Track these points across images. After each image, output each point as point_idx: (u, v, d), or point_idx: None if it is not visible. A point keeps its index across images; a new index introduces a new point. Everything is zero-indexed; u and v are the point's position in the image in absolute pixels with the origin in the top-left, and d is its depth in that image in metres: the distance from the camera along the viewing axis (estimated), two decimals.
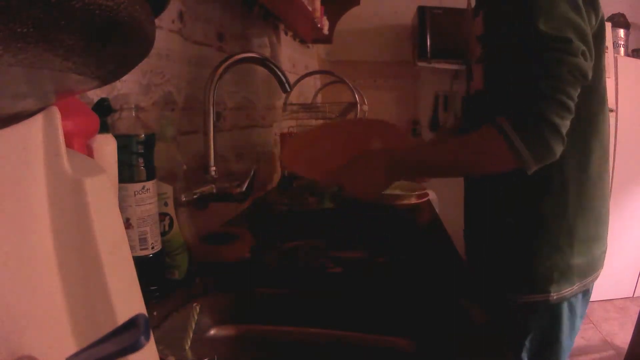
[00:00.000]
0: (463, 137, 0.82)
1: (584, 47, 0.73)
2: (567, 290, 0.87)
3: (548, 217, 0.86)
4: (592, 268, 0.90)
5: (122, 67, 0.31)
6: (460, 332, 0.71)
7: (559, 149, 0.74)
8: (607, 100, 0.90)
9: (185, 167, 0.86)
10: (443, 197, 1.99)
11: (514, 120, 0.74)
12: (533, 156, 0.74)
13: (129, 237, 0.59)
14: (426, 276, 0.87)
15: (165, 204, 0.76)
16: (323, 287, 0.83)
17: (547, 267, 0.86)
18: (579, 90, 0.74)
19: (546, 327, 0.88)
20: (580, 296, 0.89)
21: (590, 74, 0.75)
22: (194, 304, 0.69)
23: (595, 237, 0.90)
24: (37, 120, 0.32)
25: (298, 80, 1.96)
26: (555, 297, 0.86)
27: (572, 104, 0.73)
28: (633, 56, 3.00)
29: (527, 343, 0.88)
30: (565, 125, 0.73)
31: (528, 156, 0.73)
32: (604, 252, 0.94)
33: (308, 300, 0.78)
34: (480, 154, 0.80)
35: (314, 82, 2.57)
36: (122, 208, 0.64)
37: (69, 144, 0.35)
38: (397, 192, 1.40)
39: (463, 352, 0.67)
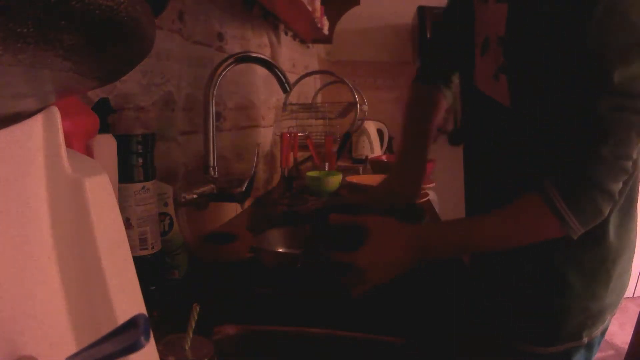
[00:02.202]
0: (503, 211, 0.70)
1: None
2: (598, 329, 0.78)
3: (587, 270, 0.75)
4: (621, 295, 0.81)
5: (122, 67, 0.31)
6: (460, 332, 0.71)
7: (607, 211, 0.66)
8: None
9: (185, 167, 0.86)
10: (443, 197, 1.99)
11: (563, 185, 0.65)
12: (582, 224, 0.65)
13: (129, 237, 0.59)
14: (426, 276, 0.87)
15: (165, 204, 0.76)
16: (323, 287, 0.83)
17: (582, 319, 0.76)
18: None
19: None
20: (599, 333, 0.79)
21: None
22: (194, 304, 0.69)
23: (627, 267, 0.80)
24: (37, 120, 0.32)
25: (298, 80, 1.96)
26: (586, 341, 0.77)
27: (630, 165, 0.64)
28: None
29: None
30: (619, 187, 0.65)
31: (576, 225, 0.65)
32: (630, 274, 0.83)
33: (308, 300, 0.78)
34: (525, 228, 0.70)
35: (314, 82, 2.57)
36: (122, 208, 0.64)
37: (69, 144, 0.35)
38: None
39: (463, 352, 0.67)
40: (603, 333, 0.81)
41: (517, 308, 0.80)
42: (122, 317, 0.33)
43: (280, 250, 1.00)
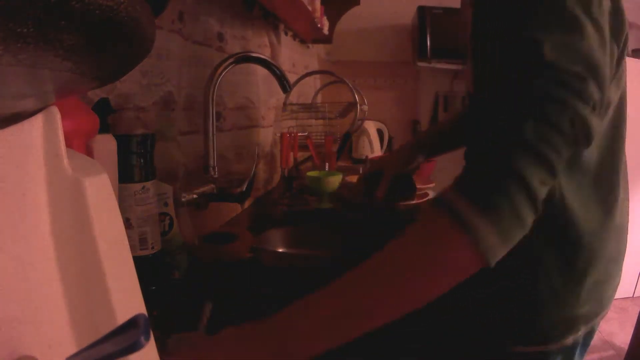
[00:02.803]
0: (384, 249, 0.51)
1: (599, 97, 0.52)
2: (569, 338, 0.74)
3: (554, 273, 0.70)
4: (601, 308, 0.76)
5: (122, 67, 0.31)
6: (457, 334, 0.72)
7: (529, 220, 0.50)
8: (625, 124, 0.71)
9: (185, 167, 0.86)
10: None
11: (466, 187, 0.50)
12: (497, 231, 0.48)
13: (129, 237, 0.59)
14: None
15: (165, 204, 0.76)
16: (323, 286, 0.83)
17: (552, 322, 0.73)
18: (571, 152, 0.52)
19: None
20: (580, 339, 0.76)
21: (592, 139, 0.54)
22: (206, 303, 0.70)
23: (608, 277, 0.75)
24: (37, 120, 0.32)
25: (298, 80, 1.96)
26: (554, 349, 0.74)
27: (558, 167, 0.50)
28: (633, 56, 3.00)
29: None
30: (543, 192, 0.50)
31: (488, 232, 0.47)
32: (617, 285, 0.79)
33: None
34: (425, 257, 0.50)
35: (314, 82, 2.57)
36: (122, 208, 0.64)
37: (69, 144, 0.35)
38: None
39: (463, 352, 0.67)
40: (585, 342, 0.78)
41: (495, 305, 0.77)
42: (122, 317, 0.33)
43: (280, 250, 1.00)
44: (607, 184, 0.70)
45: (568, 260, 0.70)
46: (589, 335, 0.78)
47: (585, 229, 0.68)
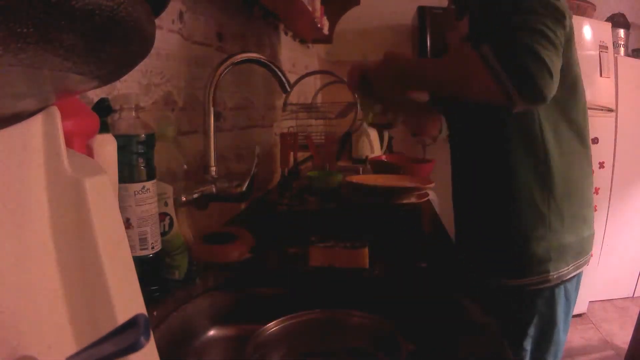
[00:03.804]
0: (448, 57, 0.88)
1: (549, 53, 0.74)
2: (563, 269, 0.90)
3: (537, 197, 0.89)
4: (583, 250, 0.94)
5: (122, 67, 0.31)
6: (460, 332, 0.72)
7: (545, 83, 0.74)
8: (581, 91, 0.93)
9: (185, 167, 0.86)
10: (443, 197, 1.99)
11: (495, 48, 0.75)
12: (516, 86, 0.73)
13: (129, 237, 0.59)
14: (426, 277, 0.87)
15: (165, 204, 0.76)
16: (323, 286, 0.83)
17: (544, 248, 0.89)
18: (558, 32, 0.77)
19: (545, 313, 0.91)
20: (574, 281, 0.93)
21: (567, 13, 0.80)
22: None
23: (582, 218, 0.94)
24: (37, 120, 0.32)
25: (298, 80, 1.96)
26: (555, 276, 0.89)
27: (552, 36, 0.75)
28: (633, 56, 3.00)
29: (530, 331, 0.91)
30: (548, 56, 0.73)
31: (509, 85, 0.73)
32: (592, 235, 0.97)
33: (307, 300, 0.78)
34: (463, 76, 0.82)
35: (314, 82, 2.57)
36: (122, 208, 0.64)
37: (69, 144, 0.35)
38: (406, 183, 1.41)
39: (463, 352, 0.67)
40: (575, 283, 0.94)
41: (489, 245, 0.95)
42: (122, 317, 0.33)
43: (280, 250, 1.00)
44: (579, 129, 0.91)
45: (548, 188, 0.89)
46: (578, 282, 0.94)
47: (557, 162, 0.88)
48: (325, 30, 2.17)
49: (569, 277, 0.91)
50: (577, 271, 0.93)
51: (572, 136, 0.91)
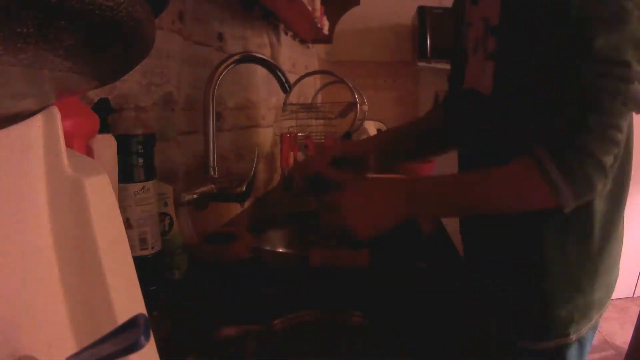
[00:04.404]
0: (493, 169, 0.70)
1: None
2: (586, 327, 0.78)
3: (571, 257, 0.74)
4: (609, 294, 0.81)
5: (122, 67, 0.31)
6: (460, 332, 0.72)
7: (601, 186, 0.65)
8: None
9: (185, 167, 0.86)
10: None
11: (554, 152, 0.64)
12: (574, 195, 0.64)
13: (129, 237, 0.59)
14: (426, 277, 0.87)
15: (165, 204, 0.76)
16: (323, 286, 0.83)
17: (568, 311, 0.75)
18: (629, 118, 0.66)
19: None
20: (592, 328, 0.80)
21: None
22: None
23: (614, 264, 0.80)
24: (37, 120, 0.32)
25: (298, 80, 1.96)
26: (574, 339, 0.77)
27: (621, 137, 0.64)
28: None
29: None
30: (610, 160, 0.64)
31: (568, 193, 0.64)
32: (618, 273, 0.84)
33: (307, 300, 0.78)
34: (514, 188, 0.68)
35: (314, 82, 2.57)
36: (122, 208, 0.64)
37: (69, 144, 0.35)
38: None
39: (463, 352, 0.67)
40: (593, 332, 0.81)
41: (505, 299, 0.81)
42: (122, 317, 0.33)
43: (280, 250, 1.00)
44: (620, 176, 0.75)
45: (584, 240, 0.74)
46: (596, 324, 0.81)
47: (599, 210, 0.74)
48: (325, 30, 2.17)
49: (589, 329, 0.79)
50: (599, 318, 0.81)
51: (619, 170, 0.75)
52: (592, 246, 0.75)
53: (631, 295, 2.91)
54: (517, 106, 0.72)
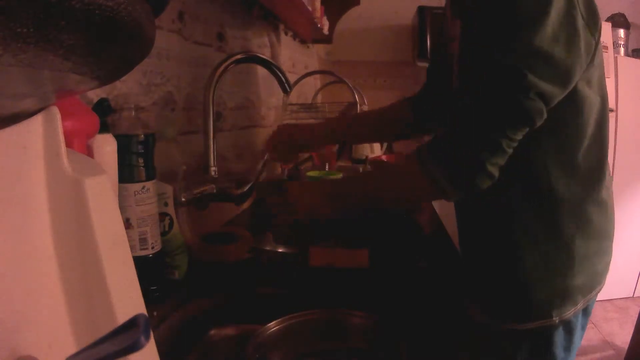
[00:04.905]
0: (390, 166, 0.82)
1: (542, 87, 0.65)
2: (570, 311, 0.80)
3: (541, 242, 0.78)
4: (596, 283, 0.83)
5: (122, 67, 0.31)
6: (460, 331, 0.72)
7: (484, 184, 0.69)
8: (607, 118, 0.82)
9: (185, 167, 0.86)
10: None
11: (433, 147, 0.71)
12: (449, 183, 0.70)
13: (129, 237, 0.59)
14: (426, 276, 0.87)
15: (165, 204, 0.76)
16: (323, 286, 0.83)
17: (547, 294, 0.79)
18: (525, 130, 0.68)
19: (538, 347, 0.82)
20: (580, 313, 0.82)
21: (543, 115, 0.68)
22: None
23: (598, 251, 0.82)
24: (37, 120, 0.32)
25: (298, 80, 1.96)
26: (557, 321, 0.79)
27: (510, 145, 0.68)
28: (633, 56, 3.00)
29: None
30: (496, 164, 0.68)
31: (444, 183, 0.70)
32: (608, 262, 0.86)
33: (307, 300, 0.78)
34: (401, 182, 0.78)
35: (314, 82, 2.57)
36: (122, 208, 0.64)
37: (69, 144, 0.35)
38: None
39: (463, 352, 0.67)
40: (584, 317, 0.84)
41: (488, 284, 0.86)
42: (122, 317, 0.33)
43: (280, 250, 1.00)
44: (593, 164, 0.79)
45: (551, 226, 0.78)
46: (587, 310, 0.84)
47: (566, 198, 0.78)
48: (325, 30, 2.17)
49: (574, 313, 0.81)
50: (585, 306, 0.83)
51: (586, 160, 0.79)
52: (563, 232, 0.78)
53: (631, 295, 2.91)
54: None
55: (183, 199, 0.82)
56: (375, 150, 2.31)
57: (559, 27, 0.65)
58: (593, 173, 0.80)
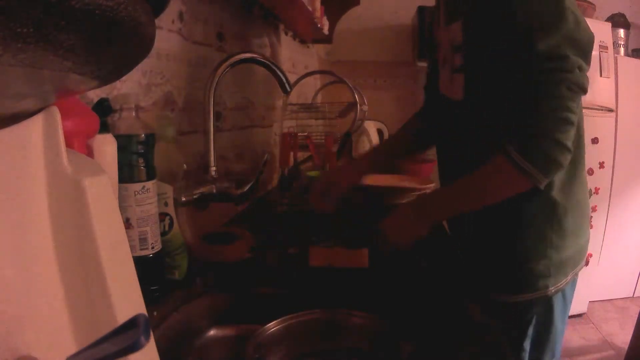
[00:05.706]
0: (477, 173, 0.84)
1: (580, 61, 0.78)
2: (562, 282, 0.91)
3: (538, 215, 0.89)
4: (581, 256, 0.97)
5: (122, 67, 0.31)
6: (460, 331, 0.72)
7: (565, 160, 0.78)
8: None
9: (185, 167, 0.86)
10: None
11: (519, 144, 0.78)
12: (543, 173, 0.78)
13: (129, 237, 0.59)
14: (426, 276, 0.87)
15: (165, 204, 0.76)
16: (323, 286, 0.83)
17: (544, 265, 0.89)
18: (578, 100, 0.79)
19: (543, 316, 0.93)
20: (571, 283, 0.95)
21: (588, 84, 0.79)
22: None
23: (581, 227, 0.95)
24: (37, 120, 0.32)
25: (298, 80, 1.96)
26: (553, 291, 0.90)
27: (573, 117, 0.78)
28: (633, 56, 3.00)
29: (529, 332, 0.93)
30: (569, 137, 0.78)
31: (538, 174, 0.77)
32: (588, 240, 0.99)
33: (307, 300, 0.78)
34: (496, 184, 0.84)
35: (314, 82, 2.57)
36: (122, 208, 0.64)
37: (69, 144, 0.35)
38: (406, 184, 1.41)
39: (463, 351, 0.67)
40: (571, 288, 0.96)
41: (485, 258, 0.96)
42: (122, 317, 0.33)
43: (280, 250, 1.00)
44: (578, 146, 0.89)
45: (545, 204, 0.89)
46: (574, 283, 0.96)
47: (559, 177, 0.88)
48: (325, 30, 2.16)
49: (566, 284, 0.93)
50: (575, 276, 0.95)
51: (573, 142, 0.89)
52: (556, 209, 0.89)
53: (631, 295, 2.91)
54: (486, 109, 0.88)
55: (183, 199, 0.82)
56: None
57: (574, 19, 0.78)
58: (579, 153, 0.90)
